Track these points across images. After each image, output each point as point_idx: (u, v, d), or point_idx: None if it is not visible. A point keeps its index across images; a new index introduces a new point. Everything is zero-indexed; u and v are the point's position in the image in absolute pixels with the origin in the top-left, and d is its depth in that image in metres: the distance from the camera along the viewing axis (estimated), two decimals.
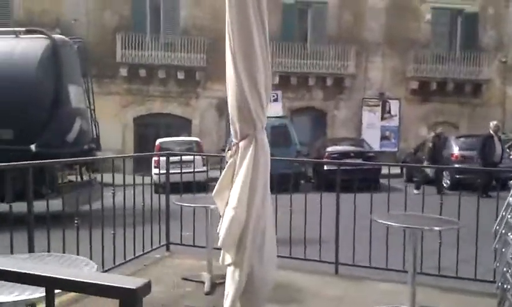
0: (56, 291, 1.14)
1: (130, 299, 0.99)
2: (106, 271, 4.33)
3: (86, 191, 6.50)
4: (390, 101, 21.29)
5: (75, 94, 9.51)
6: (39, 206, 3.88)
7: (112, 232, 4.40)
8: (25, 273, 1.05)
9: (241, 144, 3.06)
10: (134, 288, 0.98)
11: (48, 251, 3.57)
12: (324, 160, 12.83)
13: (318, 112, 21.54)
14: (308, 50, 21.06)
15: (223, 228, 3.02)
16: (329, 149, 13.83)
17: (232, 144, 3.14)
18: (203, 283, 4.19)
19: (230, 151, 3.16)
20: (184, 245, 5.29)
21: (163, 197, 5.30)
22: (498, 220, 3.43)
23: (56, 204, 4.30)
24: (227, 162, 3.16)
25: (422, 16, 21.60)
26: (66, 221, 4.00)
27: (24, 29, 9.58)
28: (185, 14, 20.46)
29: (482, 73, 21.26)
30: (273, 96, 17.85)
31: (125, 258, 4.62)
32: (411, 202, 4.77)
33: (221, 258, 3.18)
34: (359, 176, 5.20)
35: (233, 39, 3.00)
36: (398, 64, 21.56)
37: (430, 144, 13.38)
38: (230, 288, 3.06)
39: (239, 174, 3.02)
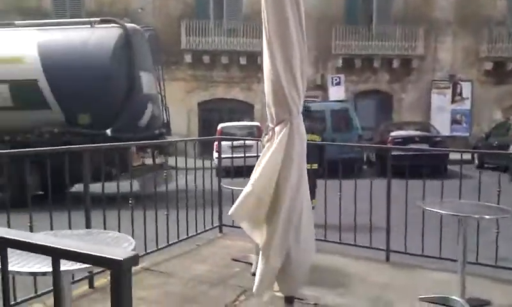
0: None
1: (118, 269, 1.05)
2: (160, 249, 4.57)
3: (156, 174, 6.73)
4: (461, 83, 20.25)
5: (146, 81, 9.92)
6: (111, 187, 4.19)
7: (166, 213, 4.60)
8: (35, 244, 1.16)
9: (277, 128, 3.08)
10: (121, 259, 1.04)
11: (105, 229, 3.79)
12: (376, 145, 12.49)
13: (384, 95, 20.94)
14: (373, 32, 20.47)
15: (237, 200, 3.09)
16: (393, 133, 13.43)
17: (268, 129, 3.16)
18: (251, 264, 4.28)
19: (266, 136, 3.19)
20: (235, 227, 5.40)
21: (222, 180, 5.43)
22: None
23: (126, 185, 4.54)
24: (264, 147, 3.20)
25: None
26: (138, 202, 4.30)
27: (98, 19, 10.02)
28: (247, 0, 20.55)
29: None
30: (336, 79, 17.64)
31: (178, 238, 4.82)
32: (483, 190, 4.37)
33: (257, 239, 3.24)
34: (424, 162, 4.98)
35: (268, 25, 3.01)
36: (470, 44, 20.41)
37: None
38: (260, 268, 3.12)
39: (269, 156, 3.04)
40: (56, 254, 1.16)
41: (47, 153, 3.76)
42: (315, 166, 6.47)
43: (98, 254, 1.10)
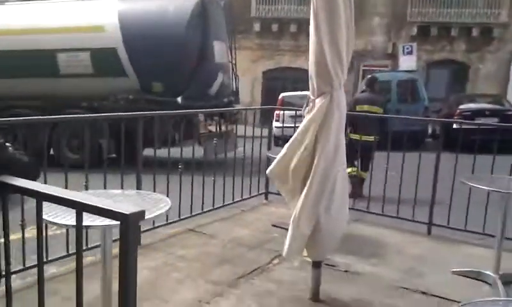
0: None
1: (125, 221, 1.23)
2: (205, 212, 4.87)
3: (222, 141, 7.11)
4: None
5: (219, 49, 10.07)
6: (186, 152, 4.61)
7: (213, 178, 4.87)
8: (60, 197, 1.42)
9: (317, 100, 3.13)
10: (128, 213, 1.23)
11: (154, 191, 4.10)
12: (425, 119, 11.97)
13: (459, 65, 19.81)
14: None
15: (274, 161, 3.26)
16: (462, 106, 12.81)
17: (310, 100, 3.24)
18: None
19: (307, 108, 3.27)
20: (280, 195, 5.58)
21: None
22: None
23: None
24: (304, 117, 3.28)
25: None
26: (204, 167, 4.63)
27: None
28: None
29: None
30: (407, 48, 16.98)
31: (223, 202, 5.09)
32: None
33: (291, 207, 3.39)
34: (494, 137, 4.78)
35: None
36: None
37: None
38: (290, 233, 3.26)
39: (306, 122, 3.15)
40: (77, 207, 1.38)
41: (122, 118, 4.12)
42: (371, 138, 6.38)
43: (109, 208, 1.29)
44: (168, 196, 3.69)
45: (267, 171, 3.44)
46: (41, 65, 9.74)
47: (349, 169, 6.49)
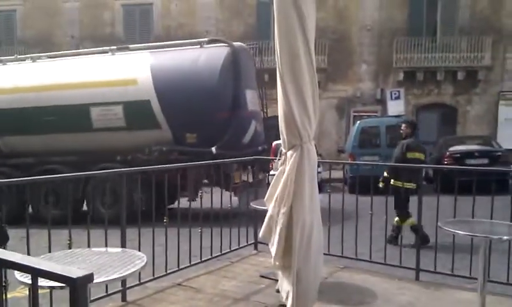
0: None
1: (73, 285, 1.28)
2: (193, 265, 4.86)
3: (255, 190, 6.91)
4: None
5: (251, 98, 10.12)
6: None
7: (200, 230, 4.88)
8: (13, 262, 1.45)
9: (289, 153, 3.28)
10: (75, 277, 1.28)
11: (139, 247, 4.12)
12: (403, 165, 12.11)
13: (448, 108, 20.21)
14: (437, 43, 19.90)
15: (278, 235, 3.30)
16: (452, 148, 13.00)
17: (282, 153, 3.38)
18: (277, 280, 4.45)
19: (280, 160, 3.41)
20: None
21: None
22: None
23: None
24: (278, 169, 3.42)
25: None
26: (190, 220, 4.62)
27: (207, 39, 10.26)
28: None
29: None
30: (395, 94, 17.34)
31: (211, 255, 5.09)
32: None
33: (273, 257, 3.45)
34: (481, 178, 4.82)
35: (280, 54, 3.22)
36: None
37: None
38: (289, 287, 3.31)
39: (283, 181, 3.26)
40: (30, 272, 1.43)
41: (154, 171, 4.33)
42: (409, 185, 6.81)
43: (59, 273, 1.34)
44: (153, 250, 3.74)
45: (260, 235, 3.53)
46: (75, 120, 9.79)
47: (410, 220, 6.80)
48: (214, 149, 9.03)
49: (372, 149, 13.45)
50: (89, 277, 1.32)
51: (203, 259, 4.98)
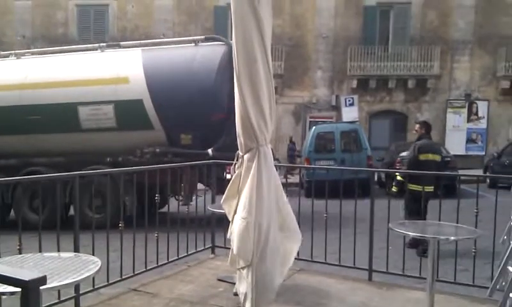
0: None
1: (25, 288, 1.25)
2: (149, 270, 4.79)
3: None
4: (477, 102, 20.12)
5: None
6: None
7: (156, 234, 4.84)
8: None
9: (245, 156, 3.31)
10: (27, 280, 1.25)
11: (93, 252, 4.03)
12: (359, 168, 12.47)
13: (399, 115, 20.96)
14: (389, 52, 20.61)
15: (236, 238, 3.30)
16: (403, 154, 13.42)
17: (239, 157, 3.41)
18: (234, 283, 4.47)
19: (237, 163, 3.44)
20: (228, 248, 5.60)
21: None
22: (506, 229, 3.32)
23: None
24: (235, 172, 3.44)
25: None
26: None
27: (202, 37, 9.80)
28: None
29: None
30: (349, 100, 17.78)
31: (168, 259, 5.04)
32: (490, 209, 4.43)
33: (229, 259, 3.47)
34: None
35: (237, 58, 3.25)
36: (487, 63, 20.34)
37: None
38: (247, 290, 3.33)
39: (245, 186, 3.27)
40: None
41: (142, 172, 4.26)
42: (431, 189, 6.51)
43: (9, 275, 1.30)
44: (107, 255, 3.67)
45: (235, 251, 3.40)
46: (62, 120, 9.29)
47: None
48: (210, 151, 8.70)
49: (327, 154, 13.74)
50: (41, 280, 1.30)
51: (159, 264, 4.92)
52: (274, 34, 24.04)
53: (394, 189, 6.67)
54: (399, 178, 6.73)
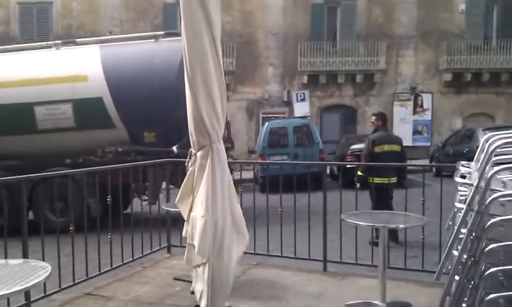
0: None
1: None
2: (103, 273, 4.69)
3: None
4: (422, 95, 20.95)
5: None
6: None
7: (109, 236, 4.74)
8: None
9: (198, 154, 3.30)
10: None
11: (43, 257, 3.90)
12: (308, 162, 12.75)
13: (348, 109, 21.48)
14: (337, 48, 21.04)
15: (197, 237, 3.28)
16: (353, 146, 13.81)
17: (192, 154, 3.39)
18: (191, 282, 4.44)
19: (190, 161, 3.42)
20: (183, 246, 5.55)
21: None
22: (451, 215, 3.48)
23: None
24: (188, 170, 3.42)
25: (455, 7, 21.07)
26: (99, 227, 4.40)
27: (162, 32, 9.51)
28: None
29: None
30: (300, 96, 18.04)
31: (122, 261, 4.94)
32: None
33: (185, 258, 3.46)
34: None
35: (187, 55, 3.23)
36: (430, 57, 21.17)
37: None
38: (203, 287, 3.32)
39: (200, 184, 3.26)
40: None
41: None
42: (394, 179, 6.66)
43: None
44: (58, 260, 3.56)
45: (197, 251, 3.38)
46: (16, 121, 8.77)
47: None
48: (175, 148, 8.40)
49: (280, 149, 13.88)
50: None
51: (113, 267, 4.82)
52: (225, 31, 23.92)
53: (358, 185, 6.65)
54: (359, 172, 6.73)
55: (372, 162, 6.63)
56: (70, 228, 4.26)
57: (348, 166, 11.85)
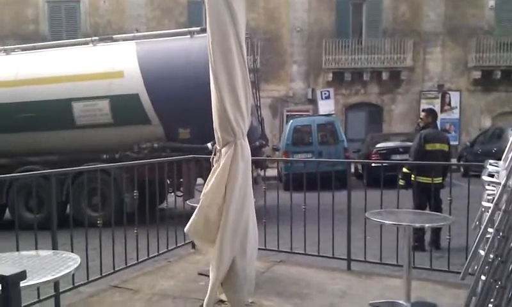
0: None
1: (5, 282, 1.27)
2: (129, 266, 4.78)
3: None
4: (450, 92, 20.57)
5: None
6: None
7: (135, 231, 4.82)
8: None
9: (223, 150, 3.34)
10: (7, 275, 1.26)
11: (71, 249, 4.00)
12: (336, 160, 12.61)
13: (374, 107, 21.25)
14: (363, 45, 20.84)
15: (191, 220, 3.39)
16: (378, 145, 13.67)
17: (216, 150, 3.43)
18: None
19: (215, 157, 3.46)
20: None
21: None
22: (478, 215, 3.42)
23: None
24: (213, 166, 3.46)
25: (484, 3, 20.61)
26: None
27: (198, 28, 9.41)
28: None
29: None
30: (325, 93, 17.89)
31: (148, 255, 5.03)
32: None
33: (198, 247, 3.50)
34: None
35: (213, 55, 3.27)
36: (459, 54, 20.75)
37: None
38: (211, 282, 3.38)
39: (215, 176, 3.30)
40: None
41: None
42: (438, 180, 6.24)
43: None
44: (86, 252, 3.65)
45: (185, 229, 3.51)
46: (55, 116, 9.02)
47: None
48: (210, 145, 8.29)
49: (304, 147, 13.85)
50: (21, 275, 1.31)
51: (139, 261, 4.90)
52: (249, 27, 24.18)
53: (401, 182, 6.11)
54: (405, 170, 6.38)
55: (421, 160, 6.20)
56: (98, 222, 4.36)
57: (373, 165, 11.75)
